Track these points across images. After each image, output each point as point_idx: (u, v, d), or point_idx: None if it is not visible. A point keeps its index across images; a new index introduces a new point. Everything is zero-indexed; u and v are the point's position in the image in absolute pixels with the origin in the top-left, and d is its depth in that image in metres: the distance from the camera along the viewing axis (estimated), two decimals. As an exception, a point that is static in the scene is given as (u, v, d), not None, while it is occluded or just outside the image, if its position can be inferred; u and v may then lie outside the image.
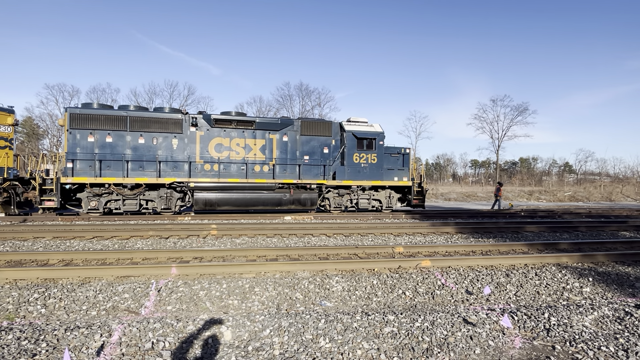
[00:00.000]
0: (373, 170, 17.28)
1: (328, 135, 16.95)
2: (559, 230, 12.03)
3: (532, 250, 8.62)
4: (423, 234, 10.96)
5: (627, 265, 7.28)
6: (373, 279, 6.08)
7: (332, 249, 8.03)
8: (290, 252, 7.84)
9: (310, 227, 11.41)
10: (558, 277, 6.42)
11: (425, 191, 18.37)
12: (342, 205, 17.31)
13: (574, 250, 8.68)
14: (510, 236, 10.96)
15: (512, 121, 56.16)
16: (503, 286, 6.01)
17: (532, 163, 79.02)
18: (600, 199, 36.15)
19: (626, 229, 12.70)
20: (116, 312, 4.94)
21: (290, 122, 16.62)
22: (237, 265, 6.46)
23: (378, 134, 17.34)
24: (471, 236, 10.81)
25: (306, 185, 16.50)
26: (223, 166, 15.76)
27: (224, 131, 15.84)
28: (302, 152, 16.66)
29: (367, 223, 13.06)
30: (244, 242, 9.45)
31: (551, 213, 18.51)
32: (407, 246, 8.31)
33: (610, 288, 6.09)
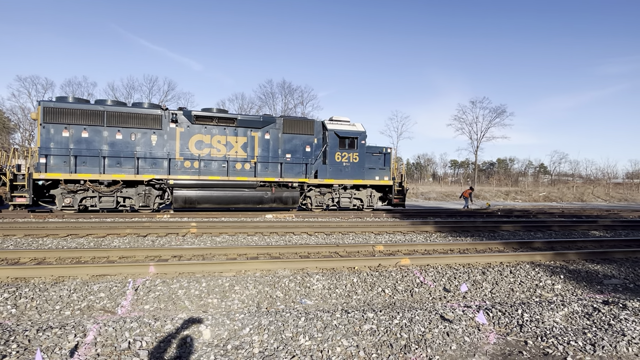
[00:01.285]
0: (355, 170, 17.40)
1: (310, 133, 16.96)
2: (534, 230, 12.40)
3: (508, 249, 8.87)
4: (403, 233, 11.11)
5: (596, 263, 7.58)
6: (353, 277, 6.14)
7: (313, 247, 8.05)
8: (271, 250, 7.82)
9: (292, 225, 11.40)
10: (532, 274, 6.62)
11: (405, 190, 18.62)
12: (324, 203, 17.36)
13: (547, 248, 8.97)
14: (487, 235, 11.24)
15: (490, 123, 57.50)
16: (479, 284, 6.16)
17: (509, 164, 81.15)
18: (573, 199, 37.46)
19: (596, 228, 13.21)
20: (91, 312, 4.82)
21: (272, 120, 16.55)
22: (217, 263, 6.41)
23: (360, 133, 17.45)
24: (449, 235, 11.03)
25: (288, 183, 16.48)
26: (204, 163, 15.56)
27: (205, 128, 15.64)
28: (284, 150, 16.62)
29: (348, 222, 13.15)
30: (224, 241, 9.37)
31: (526, 213, 19.06)
32: (387, 245, 8.41)
33: (580, 285, 6.33)
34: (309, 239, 9.79)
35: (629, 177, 59.63)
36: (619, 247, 9.35)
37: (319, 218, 14.72)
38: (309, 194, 17.15)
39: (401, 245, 8.48)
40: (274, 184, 16.29)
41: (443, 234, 11.13)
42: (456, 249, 8.66)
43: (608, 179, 55.75)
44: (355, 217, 15.35)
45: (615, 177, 58.83)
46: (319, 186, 17.21)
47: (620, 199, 39.21)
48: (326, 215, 15.65)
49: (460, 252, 8.44)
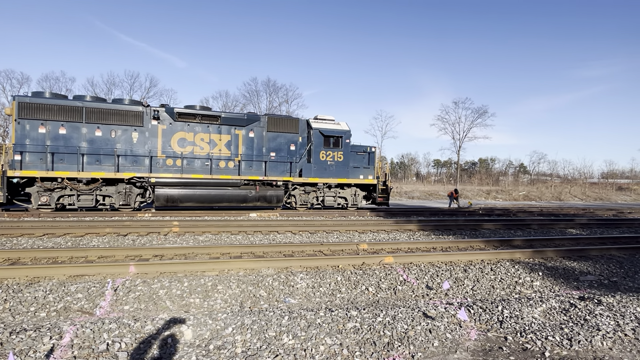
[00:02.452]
0: (339, 168, 17.43)
1: (295, 132, 16.92)
2: (514, 228, 12.68)
3: (489, 247, 9.04)
4: (387, 231, 11.19)
5: (573, 260, 7.80)
6: (337, 276, 6.14)
7: (298, 246, 8.03)
8: (255, 249, 7.76)
9: (276, 224, 11.35)
10: (511, 272, 6.76)
11: (389, 189, 18.76)
12: (308, 202, 17.35)
13: (526, 246, 9.18)
14: (469, 233, 11.43)
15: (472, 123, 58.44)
16: (461, 281, 6.25)
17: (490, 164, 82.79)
18: (551, 198, 38.45)
19: (573, 226, 13.59)
20: (68, 313, 4.69)
21: (256, 118, 16.44)
22: (199, 262, 6.32)
23: (345, 132, 17.50)
24: (432, 233, 11.17)
25: (272, 182, 16.40)
26: (186, 161, 15.34)
27: (188, 125, 15.41)
28: (269, 148, 16.53)
29: (332, 220, 13.16)
30: (207, 240, 9.25)
31: (507, 211, 19.47)
32: (371, 243, 8.46)
33: (558, 282, 6.50)
34: (293, 238, 9.76)
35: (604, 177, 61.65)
36: (594, 244, 9.64)
37: (304, 217, 14.69)
38: (293, 192, 17.11)
39: (385, 244, 8.54)
40: (258, 182, 16.19)
41: (426, 233, 11.26)
42: (439, 247, 8.77)
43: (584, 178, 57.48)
44: (339, 216, 15.39)
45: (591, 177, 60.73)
46: (304, 185, 17.19)
47: (596, 198, 40.48)
48: (311, 214, 15.63)
49: (443, 250, 8.55)
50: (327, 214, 15.87)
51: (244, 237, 9.68)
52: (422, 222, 13.04)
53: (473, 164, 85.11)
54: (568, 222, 14.30)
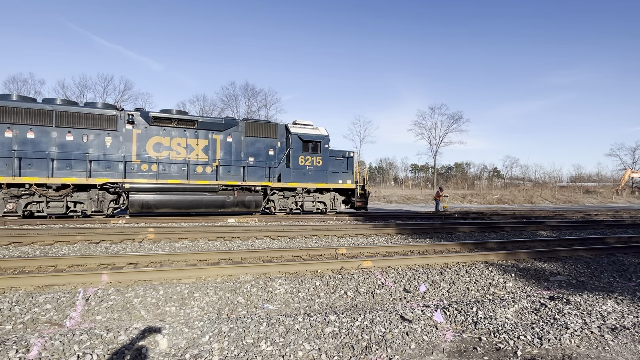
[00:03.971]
0: (318, 173, 17.48)
1: (274, 137, 16.87)
2: (488, 231, 13.02)
3: (464, 250, 9.25)
4: (365, 235, 11.29)
5: (544, 261, 8.08)
6: (316, 281, 6.15)
7: (276, 252, 7.99)
8: (233, 255, 7.68)
9: (255, 229, 11.27)
10: (486, 273, 6.95)
11: (368, 194, 18.94)
12: (287, 207, 17.30)
13: (500, 248, 9.45)
14: (445, 236, 11.66)
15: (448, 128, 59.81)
16: (437, 284, 6.37)
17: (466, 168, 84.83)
18: (523, 201, 39.69)
19: (544, 228, 14.08)
20: (36, 325, 4.50)
21: (234, 123, 16.31)
22: (175, 270, 6.20)
23: (323, 137, 17.58)
24: (410, 237, 11.34)
25: (251, 187, 16.27)
26: (162, 166, 15.03)
27: (164, 130, 15.13)
28: (247, 153, 16.42)
29: (311, 225, 13.17)
30: (184, 246, 9.09)
31: (481, 214, 19.98)
32: (349, 247, 8.51)
33: (529, 282, 6.71)
34: (272, 243, 9.71)
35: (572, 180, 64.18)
36: (563, 245, 10.02)
37: (282, 222, 14.63)
38: (272, 197, 17.02)
39: (363, 248, 8.61)
40: (236, 187, 16.02)
41: (404, 236, 11.42)
42: (416, 251, 8.91)
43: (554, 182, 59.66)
44: (318, 221, 15.41)
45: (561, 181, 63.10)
46: (283, 190, 17.14)
47: (565, 201, 42.07)
48: (289, 219, 15.59)
49: (420, 253, 8.70)
50: (306, 218, 15.86)
51: (222, 243, 9.56)
52: (399, 225, 13.23)
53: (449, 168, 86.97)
54: (539, 224, 14.81)
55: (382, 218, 17.15)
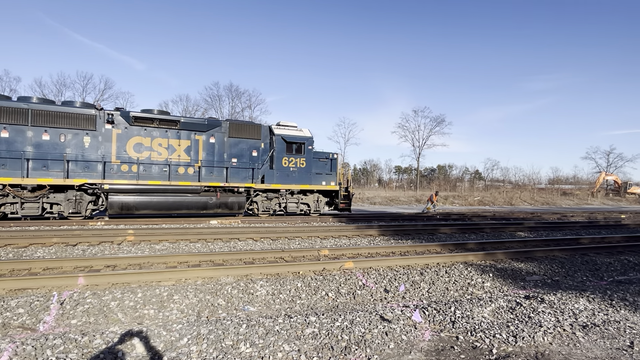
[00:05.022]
0: (302, 175, 17.50)
1: (257, 138, 16.82)
2: (468, 232, 13.27)
3: (444, 250, 9.40)
4: (348, 237, 11.36)
5: (521, 262, 8.29)
6: (298, 282, 6.16)
7: (258, 253, 7.96)
8: (214, 257, 7.62)
9: (237, 231, 11.21)
10: (465, 274, 7.08)
11: (352, 195, 19.05)
12: (271, 209, 17.25)
13: (479, 249, 9.64)
14: (427, 237, 11.83)
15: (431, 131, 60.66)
16: (418, 284, 6.47)
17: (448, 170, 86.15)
18: (503, 203, 40.57)
19: (522, 229, 14.44)
20: (7, 330, 4.37)
21: (217, 124, 16.19)
22: (155, 272, 6.11)
23: (307, 138, 17.61)
24: (392, 238, 11.46)
25: (234, 188, 16.17)
26: (143, 167, 14.79)
27: (145, 130, 14.89)
28: (230, 154, 16.31)
29: (294, 227, 13.17)
30: (164, 248, 8.96)
31: (462, 216, 20.33)
32: (332, 249, 8.55)
33: (507, 282, 6.88)
34: (255, 245, 9.67)
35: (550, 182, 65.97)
36: (540, 246, 10.30)
37: (266, 223, 14.60)
38: (255, 199, 16.95)
39: (346, 249, 8.66)
40: (219, 189, 15.90)
41: (386, 237, 11.54)
42: (397, 252, 9.01)
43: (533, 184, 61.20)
44: (302, 222, 15.42)
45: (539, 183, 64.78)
46: (266, 191, 17.08)
47: (543, 202, 43.21)
48: (273, 221, 15.55)
49: (401, 254, 8.80)
50: (290, 220, 15.86)
51: (203, 245, 9.47)
52: (382, 227, 13.35)
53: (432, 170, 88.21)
54: (517, 225, 15.17)
55: (366, 219, 17.27)
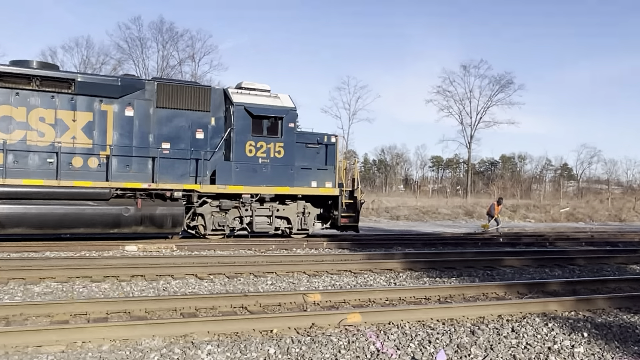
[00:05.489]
0: (278, 170, 17.53)
1: (205, 109, 16.83)
2: (549, 264, 13.38)
3: (511, 295, 9.46)
4: (354, 273, 11.38)
5: (634, 313, 8.38)
6: (269, 347, 6.17)
7: (205, 299, 7.96)
8: (132, 306, 7.60)
9: (171, 263, 11.21)
10: (543, 332, 7.15)
11: (360, 204, 19.11)
12: (226, 226, 17.23)
13: (567, 293, 9.71)
14: (482, 274, 11.92)
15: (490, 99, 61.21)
16: (466, 349, 6.51)
17: (519, 164, 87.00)
18: (608, 217, 40.99)
19: (637, 260, 14.60)
20: None
21: (139, 86, 16.14)
22: (32, 331, 6.09)
23: (287, 110, 17.65)
24: (425, 274, 11.52)
25: (165, 192, 16.11)
26: (13, 157, 14.71)
27: (17, 95, 14.80)
28: (160, 136, 16.29)
29: (265, 256, 13.16)
30: (48, 292, 8.92)
31: (541, 238, 20.50)
32: (327, 292, 8.56)
33: (611, 347, 6.96)
34: (200, 286, 9.67)
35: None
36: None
37: (218, 250, 14.55)
38: (201, 210, 16.93)
39: (349, 293, 8.67)
40: (140, 193, 15.83)
41: (416, 274, 11.59)
42: (434, 297, 9.05)
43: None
44: (277, 248, 15.41)
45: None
46: (219, 197, 17.07)
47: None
48: (230, 246, 15.51)
49: (440, 301, 8.84)
50: (258, 245, 15.84)
51: (114, 285, 9.45)
52: (410, 257, 13.39)
53: (492, 163, 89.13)
54: (630, 254, 15.35)
55: (382, 244, 17.32)
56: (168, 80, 17.00)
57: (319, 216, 18.83)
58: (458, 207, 41.01)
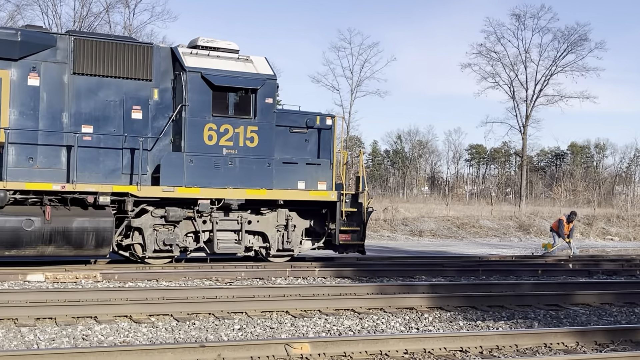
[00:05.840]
0: (250, 165, 17.57)
1: (144, 77, 16.84)
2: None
3: (586, 344, 9.47)
4: (358, 313, 11.36)
5: None
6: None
7: (144, 354, 7.94)
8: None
9: (94, 300, 11.20)
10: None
11: (368, 215, 19.10)
12: (176, 245, 17.19)
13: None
14: (543, 315, 11.91)
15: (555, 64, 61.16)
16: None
17: (597, 157, 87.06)
18: None
19: None
20: None
21: (48, 42, 16.09)
22: None
23: (263, 80, 17.67)
24: (461, 315, 11.51)
25: (86, 197, 16.06)
26: None
27: None
28: (79, 115, 16.28)
29: (232, 289, 13.14)
30: None
31: (628, 264, 20.50)
32: (320, 341, 8.55)
33: None
34: (136, 333, 9.64)
35: None
36: None
37: (163, 281, 14.53)
38: (138, 222, 16.89)
39: (352, 342, 8.65)
40: (50, 198, 15.79)
41: (448, 314, 11.59)
42: (474, 349, 9.06)
43: None
44: (249, 278, 15.40)
45: None
46: (165, 204, 17.06)
47: None
48: (180, 274, 15.48)
49: (483, 354, 8.85)
50: (221, 273, 15.81)
51: (9, 333, 9.40)
52: (439, 290, 13.39)
53: (558, 155, 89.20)
54: None
55: (400, 272, 17.32)
56: (90, 34, 16.87)
57: (308, 231, 18.87)
58: (508, 219, 41.14)
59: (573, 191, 64.23)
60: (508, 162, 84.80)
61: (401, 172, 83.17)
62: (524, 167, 63.02)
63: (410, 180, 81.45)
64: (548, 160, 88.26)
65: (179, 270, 16.13)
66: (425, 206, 50.78)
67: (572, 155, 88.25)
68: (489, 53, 69.54)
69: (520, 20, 69.36)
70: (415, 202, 59.81)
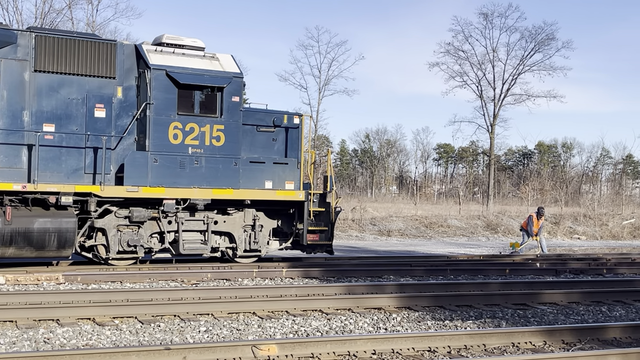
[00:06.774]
0: (216, 164, 17.54)
1: (108, 75, 16.76)
2: (608, 300, 13.52)
3: (553, 343, 9.54)
4: (326, 314, 11.38)
5: None
6: None
7: (108, 356, 7.87)
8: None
9: (56, 302, 11.15)
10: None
11: (336, 214, 19.12)
12: (140, 246, 17.08)
13: (632, 341, 9.80)
14: (511, 315, 12.01)
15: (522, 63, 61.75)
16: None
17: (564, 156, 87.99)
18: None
19: None
20: None
21: (8, 38, 15.95)
22: None
23: (229, 78, 17.65)
24: (429, 315, 11.57)
25: (48, 197, 15.91)
26: None
27: None
28: (40, 113, 16.15)
29: (198, 290, 13.10)
30: None
31: (595, 263, 20.72)
32: (287, 342, 8.53)
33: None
34: (100, 336, 9.56)
35: None
36: None
37: (127, 282, 14.44)
38: (102, 222, 16.78)
39: (320, 343, 8.64)
40: (11, 198, 15.62)
41: (416, 314, 11.63)
42: (442, 348, 9.09)
43: None
44: (215, 279, 15.35)
45: None
46: (129, 204, 16.96)
47: None
48: (145, 276, 15.39)
49: (451, 353, 8.88)
50: (186, 274, 15.76)
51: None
52: (407, 290, 13.45)
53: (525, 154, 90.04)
54: None
55: (368, 272, 17.36)
56: (52, 31, 16.70)
57: (275, 231, 18.87)
58: (476, 218, 41.43)
59: (540, 190, 64.86)
60: (476, 161, 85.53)
61: (369, 171, 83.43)
62: (491, 167, 63.49)
63: (379, 180, 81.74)
64: (516, 159, 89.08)
65: (143, 271, 16.05)
66: (393, 206, 51.02)
67: (539, 155, 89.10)
68: (456, 52, 69.96)
69: (488, 19, 69.84)
70: (384, 201, 60.06)
